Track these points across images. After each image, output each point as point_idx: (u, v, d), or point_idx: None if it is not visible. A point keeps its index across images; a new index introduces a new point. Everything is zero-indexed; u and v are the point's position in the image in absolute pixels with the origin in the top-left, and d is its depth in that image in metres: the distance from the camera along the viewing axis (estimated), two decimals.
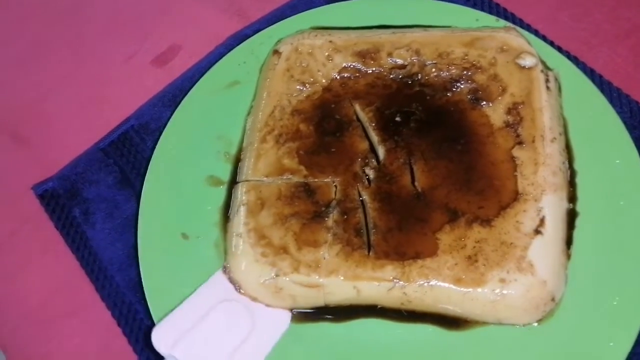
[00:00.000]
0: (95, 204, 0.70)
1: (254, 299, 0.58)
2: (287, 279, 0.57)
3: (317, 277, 0.57)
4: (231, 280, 0.59)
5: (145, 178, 0.66)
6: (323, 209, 0.61)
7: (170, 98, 0.76)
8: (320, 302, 0.58)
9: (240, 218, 0.61)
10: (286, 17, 0.75)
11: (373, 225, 0.60)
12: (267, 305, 0.58)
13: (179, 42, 0.83)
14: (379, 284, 0.57)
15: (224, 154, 0.69)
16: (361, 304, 0.59)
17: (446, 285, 0.56)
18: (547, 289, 0.55)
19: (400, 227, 0.60)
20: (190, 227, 0.64)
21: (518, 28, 0.68)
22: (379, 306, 0.58)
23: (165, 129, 0.69)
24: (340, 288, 0.58)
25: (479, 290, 0.55)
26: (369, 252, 0.59)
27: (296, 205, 0.61)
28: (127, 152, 0.73)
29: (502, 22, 0.70)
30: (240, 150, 0.68)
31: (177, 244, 0.63)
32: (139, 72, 0.81)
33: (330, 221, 0.59)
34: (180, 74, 0.79)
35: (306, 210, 0.60)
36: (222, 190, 0.67)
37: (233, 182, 0.66)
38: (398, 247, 0.58)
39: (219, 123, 0.70)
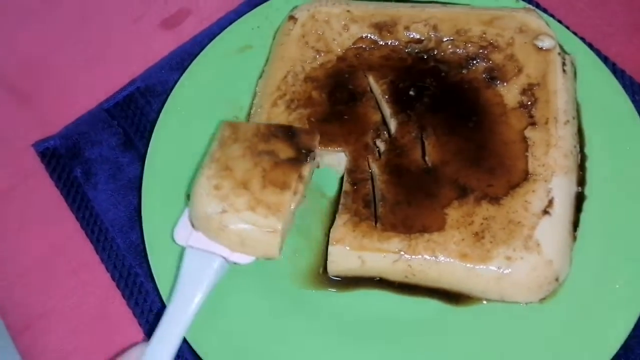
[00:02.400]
0: (97, 164, 0.69)
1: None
2: (238, 216, 0.51)
3: (275, 221, 0.51)
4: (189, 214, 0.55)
5: (152, 139, 0.65)
6: (303, 154, 0.55)
7: (179, 62, 0.75)
8: (273, 253, 0.52)
9: (209, 150, 0.56)
10: None
11: (381, 197, 0.60)
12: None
13: (189, 6, 0.81)
14: (384, 255, 0.57)
15: (233, 118, 0.68)
16: (364, 275, 0.59)
17: (452, 260, 0.56)
18: (552, 269, 0.55)
19: (409, 201, 0.59)
20: None
21: (537, 10, 0.67)
22: (382, 278, 0.58)
23: (173, 91, 0.68)
24: (345, 257, 0.57)
25: (484, 266, 0.55)
26: (376, 223, 0.58)
27: (273, 143, 0.55)
28: (132, 114, 0.72)
29: (522, 3, 0.69)
30: (249, 114, 0.67)
31: (182, 205, 0.62)
32: (146, 34, 0.80)
33: (305, 170, 0.54)
34: (189, 38, 0.77)
35: (283, 150, 0.55)
36: None
37: None
38: (405, 220, 0.58)
39: (229, 87, 0.69)
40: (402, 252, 0.56)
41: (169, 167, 0.64)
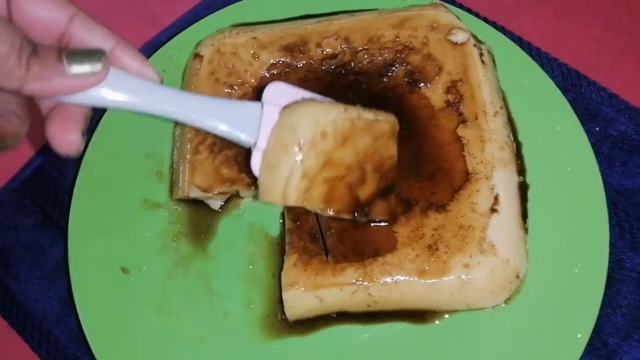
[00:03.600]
0: (15, 252, 0.62)
1: None
2: None
3: None
4: None
5: (70, 212, 0.59)
6: None
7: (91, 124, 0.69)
8: None
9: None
10: (202, 18, 0.70)
11: (327, 228, 0.57)
12: None
13: None
14: (342, 289, 0.54)
15: (156, 174, 0.63)
16: (325, 312, 0.56)
17: (411, 279, 0.54)
18: (510, 267, 0.54)
19: (355, 226, 0.57)
20: (130, 259, 0.58)
21: (445, 4, 0.66)
22: (344, 312, 0.55)
23: (85, 155, 0.62)
24: (302, 300, 0.54)
25: (444, 279, 0.53)
26: (327, 257, 0.55)
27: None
28: (44, 189, 0.66)
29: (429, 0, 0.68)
30: (172, 166, 0.63)
31: (118, 280, 0.57)
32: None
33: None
34: None
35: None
36: (161, 213, 0.61)
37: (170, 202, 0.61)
38: (356, 247, 0.56)
39: (145, 140, 0.64)
40: (359, 282, 0.54)
41: (95, 239, 0.59)
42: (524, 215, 0.57)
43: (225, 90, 0.64)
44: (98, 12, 0.76)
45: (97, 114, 0.66)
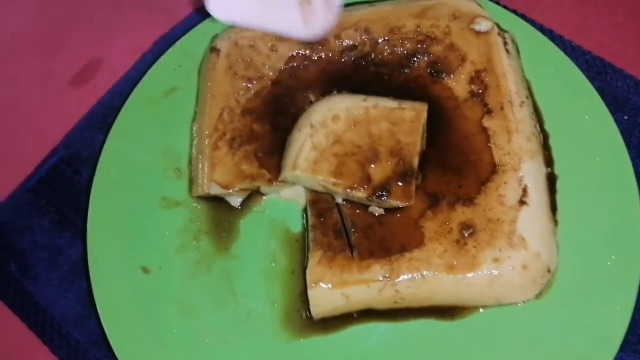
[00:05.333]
0: (33, 253, 0.61)
1: None
2: None
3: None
4: None
5: (88, 212, 0.58)
6: None
7: (100, 119, 0.68)
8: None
9: None
10: None
11: (351, 224, 0.56)
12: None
13: (99, 55, 0.74)
14: (368, 285, 0.53)
15: (174, 171, 0.62)
16: (352, 310, 0.54)
17: (439, 274, 0.52)
18: (541, 261, 0.52)
19: (381, 221, 0.55)
20: (150, 258, 0.57)
21: None
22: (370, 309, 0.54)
23: (102, 153, 0.61)
24: (328, 297, 0.53)
25: (474, 274, 0.52)
26: (352, 253, 0.54)
27: None
28: (61, 188, 0.64)
29: None
30: (191, 162, 0.62)
31: (138, 280, 0.56)
32: (56, 96, 0.72)
33: None
34: (106, 91, 0.70)
35: None
36: (180, 211, 0.60)
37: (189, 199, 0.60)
38: (382, 243, 0.54)
39: (162, 137, 0.63)
40: (386, 278, 0.53)
41: (114, 238, 0.58)
42: (553, 207, 0.56)
43: (244, 84, 0.62)
44: (108, 5, 0.75)
45: (111, 111, 0.65)
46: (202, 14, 0.69)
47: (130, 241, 0.58)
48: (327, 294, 0.53)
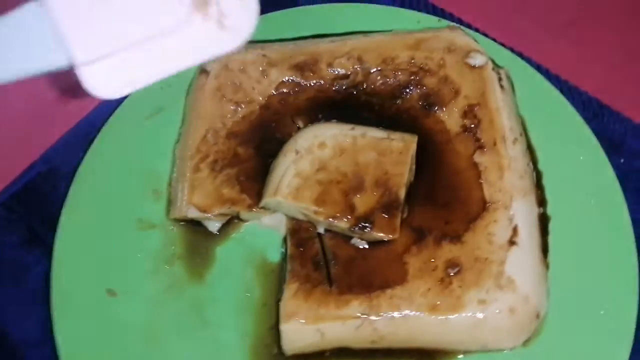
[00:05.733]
0: None
1: None
2: None
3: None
4: None
5: (58, 229, 0.55)
6: None
7: (83, 136, 0.65)
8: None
9: None
10: None
11: (332, 256, 0.53)
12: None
13: None
14: (345, 322, 0.49)
15: (153, 192, 0.59)
16: (326, 348, 0.51)
17: (421, 314, 0.49)
18: (530, 305, 0.49)
19: (363, 254, 0.53)
20: (118, 280, 0.54)
21: (462, 27, 0.64)
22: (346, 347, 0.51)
23: (79, 168, 0.59)
24: (301, 333, 0.50)
25: (458, 315, 0.49)
26: (330, 287, 0.51)
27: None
28: (35, 204, 0.62)
29: (445, 22, 0.65)
30: (170, 184, 0.59)
31: (103, 303, 0.53)
32: (43, 110, 0.70)
33: None
34: (92, 108, 0.69)
35: None
36: (155, 234, 0.57)
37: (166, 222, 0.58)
38: (363, 278, 0.52)
39: (144, 157, 0.61)
40: (364, 315, 0.49)
41: (82, 257, 0.55)
42: (545, 249, 0.53)
43: (232, 108, 0.61)
44: None
45: (94, 128, 0.64)
46: None
47: (98, 261, 0.55)
48: (301, 329, 0.50)
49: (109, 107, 0.65)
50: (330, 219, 0.52)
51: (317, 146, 0.55)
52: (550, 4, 0.74)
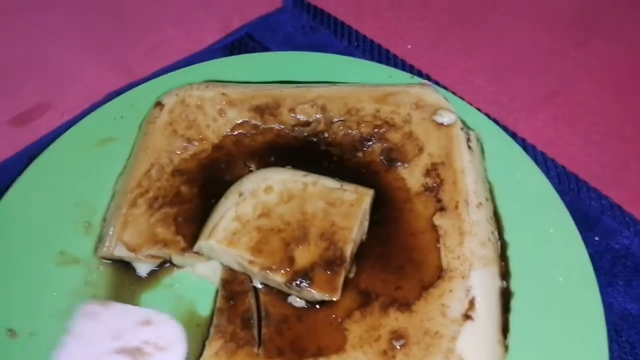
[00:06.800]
0: None
1: None
2: None
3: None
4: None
5: None
6: None
7: (28, 161, 0.61)
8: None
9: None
10: None
11: (265, 314, 0.47)
12: None
13: (49, 100, 0.70)
14: None
15: (84, 224, 0.54)
16: None
17: None
18: None
19: (299, 315, 0.47)
20: (22, 320, 0.48)
21: (434, 86, 0.61)
22: None
23: (6, 193, 0.54)
24: None
25: None
26: (258, 348, 0.45)
27: None
28: None
29: (417, 79, 0.63)
30: (105, 219, 0.54)
31: (0, 344, 0.46)
32: None
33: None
34: (44, 134, 0.65)
35: None
36: (76, 270, 0.52)
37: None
38: (296, 342, 0.45)
39: (81, 186, 0.56)
40: None
41: None
42: (505, 329, 0.47)
43: (182, 144, 0.57)
44: (69, 58, 0.73)
45: (35, 148, 0.59)
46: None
47: (4, 295, 0.49)
48: None
49: (60, 135, 0.62)
50: (266, 271, 0.47)
51: (263, 190, 0.50)
52: (531, 77, 0.72)
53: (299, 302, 0.47)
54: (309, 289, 0.46)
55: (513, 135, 0.63)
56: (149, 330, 0.47)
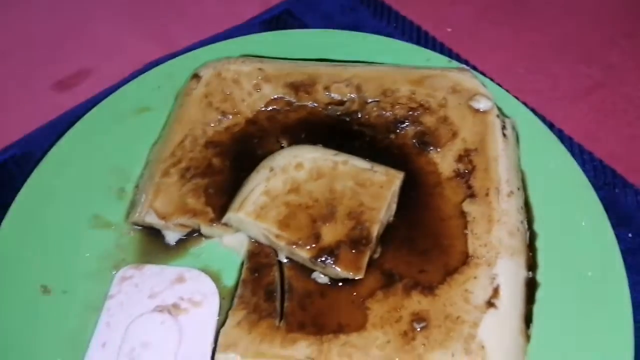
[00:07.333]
0: None
1: None
2: None
3: None
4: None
5: (5, 216, 0.52)
6: None
7: (67, 126, 0.63)
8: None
9: None
10: None
11: (289, 288, 0.48)
12: None
13: (90, 67, 0.71)
14: None
15: (118, 191, 0.56)
16: None
17: None
18: None
19: (322, 292, 0.47)
20: (55, 277, 0.50)
21: (472, 71, 0.60)
22: None
23: (45, 157, 0.56)
24: None
25: None
26: (280, 321, 0.46)
27: None
28: (0, 185, 0.59)
29: (455, 64, 0.62)
30: (137, 186, 0.56)
31: (34, 300, 0.48)
32: (34, 97, 0.69)
33: None
34: (84, 100, 0.67)
35: None
36: (108, 234, 0.53)
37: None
38: (318, 317, 0.46)
39: (117, 154, 0.58)
40: (310, 359, 0.43)
41: (24, 246, 0.51)
42: (528, 320, 0.47)
43: (217, 117, 0.58)
44: (111, 26, 0.75)
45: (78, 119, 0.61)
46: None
47: (40, 253, 0.51)
48: None
49: (100, 101, 0.63)
50: (292, 246, 0.47)
51: (294, 166, 0.51)
52: (574, 67, 0.70)
53: (322, 279, 0.48)
54: (333, 266, 0.46)
55: (550, 126, 0.62)
56: (183, 287, 0.48)
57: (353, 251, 0.47)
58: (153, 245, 0.53)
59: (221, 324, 0.46)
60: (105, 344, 0.45)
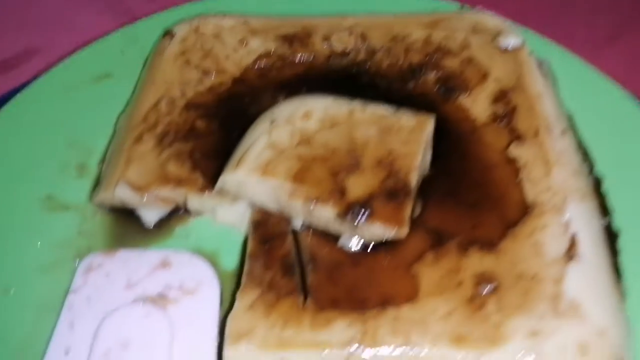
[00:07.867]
0: None
1: None
2: None
3: None
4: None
5: None
6: None
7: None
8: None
9: None
10: None
11: (310, 259, 0.37)
12: None
13: (37, 45, 0.61)
14: (324, 352, 0.32)
15: (77, 167, 0.44)
16: None
17: (440, 347, 0.32)
18: (609, 343, 0.32)
19: (355, 260, 0.37)
20: (9, 275, 0.37)
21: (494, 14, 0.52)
22: None
23: None
24: None
25: (498, 351, 0.32)
26: (305, 300, 0.34)
27: None
28: None
29: (468, 9, 0.54)
30: (103, 160, 0.44)
31: None
32: None
33: None
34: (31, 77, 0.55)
35: None
36: (67, 218, 0.41)
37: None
38: (353, 291, 0.35)
39: (74, 126, 0.47)
40: (354, 344, 0.32)
41: None
42: (616, 273, 0.37)
43: (198, 76, 0.48)
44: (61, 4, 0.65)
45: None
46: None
47: None
48: (253, 356, 0.32)
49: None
50: (313, 202, 0.37)
51: (300, 116, 0.41)
52: (590, 17, 0.64)
53: (352, 245, 0.37)
54: (369, 221, 0.36)
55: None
56: (169, 273, 0.37)
57: (391, 204, 0.37)
58: (127, 228, 0.42)
59: (226, 313, 0.35)
60: (68, 349, 0.33)
